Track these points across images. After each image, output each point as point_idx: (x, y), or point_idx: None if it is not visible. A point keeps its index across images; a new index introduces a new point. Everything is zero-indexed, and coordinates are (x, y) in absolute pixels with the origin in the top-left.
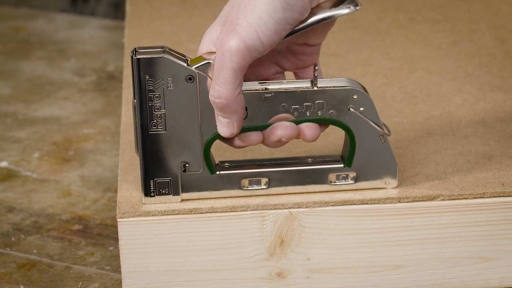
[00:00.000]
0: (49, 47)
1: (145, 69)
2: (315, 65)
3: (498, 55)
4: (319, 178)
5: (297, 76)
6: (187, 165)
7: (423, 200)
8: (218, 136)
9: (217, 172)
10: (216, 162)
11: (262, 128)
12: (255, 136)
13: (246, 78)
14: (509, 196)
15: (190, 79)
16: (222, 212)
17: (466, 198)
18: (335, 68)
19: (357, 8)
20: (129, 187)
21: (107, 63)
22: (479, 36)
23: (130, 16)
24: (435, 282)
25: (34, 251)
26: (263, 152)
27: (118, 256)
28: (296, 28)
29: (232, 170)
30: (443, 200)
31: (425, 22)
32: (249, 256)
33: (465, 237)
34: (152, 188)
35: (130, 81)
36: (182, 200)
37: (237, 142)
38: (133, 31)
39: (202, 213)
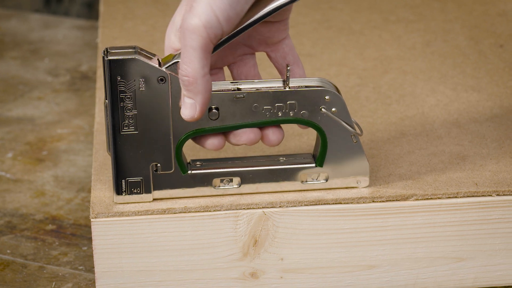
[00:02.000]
0: (23, 47)
1: (116, 70)
2: (287, 65)
3: (472, 56)
4: (290, 177)
5: (270, 58)
6: (158, 165)
7: (396, 200)
8: (190, 136)
9: (189, 172)
10: (188, 161)
11: (232, 129)
12: (215, 140)
13: (212, 63)
14: (483, 196)
15: (161, 80)
16: (196, 212)
17: (439, 198)
18: (309, 68)
19: None
20: (103, 187)
21: (80, 63)
22: (453, 36)
23: (104, 16)
24: (409, 282)
25: (8, 251)
26: (236, 151)
27: (91, 256)
28: (256, 16)
29: (203, 169)
30: (417, 200)
31: (399, 22)
32: (222, 256)
33: (438, 237)
34: (123, 188)
35: (103, 81)
36: (154, 199)
37: (210, 143)
38: (107, 31)
39: (176, 213)
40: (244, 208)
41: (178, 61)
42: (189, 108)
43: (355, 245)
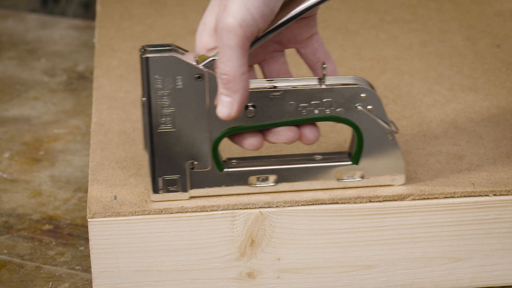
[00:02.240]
0: (20, 47)
1: (153, 67)
2: (323, 63)
3: (468, 56)
4: (326, 175)
5: (300, 54)
6: (195, 162)
7: (393, 200)
8: (226, 134)
9: (225, 170)
10: (224, 159)
11: (269, 126)
12: (254, 139)
13: None
14: (480, 196)
15: (199, 77)
16: (192, 212)
17: (436, 198)
18: (306, 69)
19: None
20: (100, 187)
21: (77, 63)
22: (450, 36)
23: (101, 16)
24: (406, 282)
25: (5, 251)
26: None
27: (88, 256)
28: (294, 12)
29: (240, 167)
30: (414, 199)
31: (396, 22)
32: (219, 256)
33: (435, 237)
34: (160, 186)
35: (100, 81)
36: (191, 197)
37: (249, 143)
38: (104, 31)
39: (172, 213)
40: (241, 208)
41: (215, 59)
42: (226, 106)
43: (352, 245)
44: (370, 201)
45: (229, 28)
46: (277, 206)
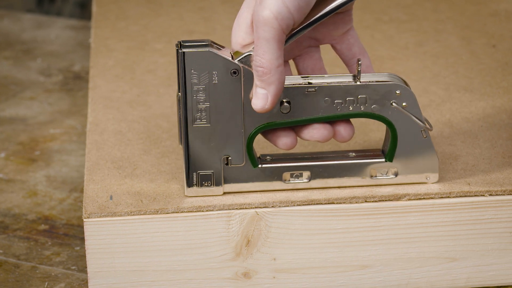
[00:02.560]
0: (15, 47)
1: (190, 62)
2: (358, 59)
3: (464, 56)
4: (360, 172)
5: (335, 49)
6: (230, 158)
7: (389, 200)
8: (261, 130)
9: (259, 166)
10: (258, 156)
11: (303, 122)
12: (288, 139)
13: None
14: (475, 196)
15: (234, 73)
16: (188, 212)
17: (432, 198)
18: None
19: None
20: (95, 187)
21: (73, 63)
22: (445, 37)
23: (97, 16)
24: (401, 282)
25: (0, 251)
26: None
27: (84, 256)
28: (330, 7)
29: (274, 163)
30: (410, 200)
31: (391, 22)
32: (215, 256)
33: (431, 237)
34: (194, 181)
35: (96, 81)
36: (225, 192)
37: (283, 143)
38: (99, 31)
39: (168, 213)
40: (236, 208)
41: (250, 54)
42: (261, 99)
43: (347, 245)
44: (365, 201)
45: (265, 21)
46: (272, 206)
